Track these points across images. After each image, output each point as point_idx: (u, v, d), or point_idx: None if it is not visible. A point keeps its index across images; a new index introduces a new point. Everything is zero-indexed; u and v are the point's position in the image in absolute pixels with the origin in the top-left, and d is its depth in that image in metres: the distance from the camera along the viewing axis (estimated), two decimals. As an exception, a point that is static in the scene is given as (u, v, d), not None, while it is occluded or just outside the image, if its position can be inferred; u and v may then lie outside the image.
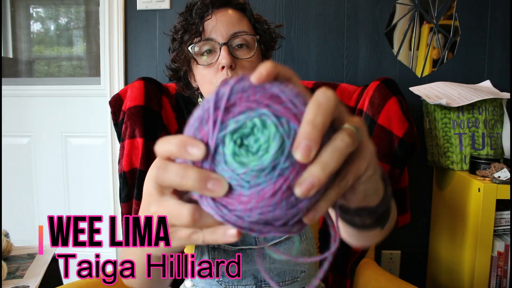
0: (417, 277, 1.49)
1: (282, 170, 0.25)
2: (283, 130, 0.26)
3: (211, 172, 0.27)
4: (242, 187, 0.26)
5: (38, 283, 0.90)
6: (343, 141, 0.26)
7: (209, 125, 0.27)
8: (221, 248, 0.77)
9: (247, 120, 0.26)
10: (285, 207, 0.26)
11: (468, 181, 1.09)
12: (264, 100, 0.26)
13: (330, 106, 0.26)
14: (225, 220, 0.27)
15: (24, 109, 1.80)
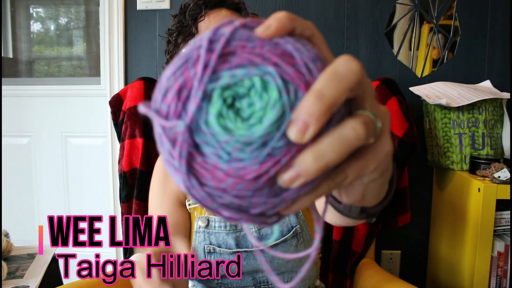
0: (417, 277, 1.49)
1: (273, 149, 0.20)
2: (287, 100, 0.20)
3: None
4: (220, 158, 0.21)
5: (38, 283, 0.90)
6: (354, 131, 0.21)
7: (196, 69, 0.21)
8: (216, 252, 0.77)
9: (246, 78, 0.21)
10: (266, 194, 0.21)
11: (468, 181, 1.09)
12: (272, 56, 0.21)
13: (350, 79, 0.20)
14: (190, 193, 0.22)
15: (24, 109, 1.80)
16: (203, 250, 0.78)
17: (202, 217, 0.79)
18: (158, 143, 0.23)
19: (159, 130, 0.22)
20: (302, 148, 0.21)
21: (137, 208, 1.06)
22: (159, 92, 0.22)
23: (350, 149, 0.21)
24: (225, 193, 0.21)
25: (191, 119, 0.21)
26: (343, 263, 1.10)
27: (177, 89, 0.21)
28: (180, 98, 0.21)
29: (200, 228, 0.78)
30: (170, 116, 0.21)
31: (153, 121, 0.22)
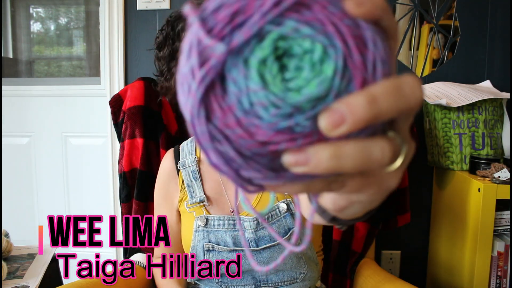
0: (417, 277, 1.49)
1: (297, 125, 0.19)
2: (338, 84, 0.19)
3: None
4: (240, 104, 0.19)
5: (38, 283, 0.90)
6: (382, 153, 0.19)
7: (265, 1, 0.18)
8: (215, 250, 0.78)
9: (309, 38, 0.19)
10: (264, 164, 0.20)
11: (468, 181, 1.09)
12: (347, 33, 0.19)
13: (408, 102, 0.19)
14: (191, 122, 0.20)
15: (24, 109, 1.80)
16: (202, 248, 0.79)
17: (201, 217, 0.80)
18: (183, 53, 0.20)
19: (193, 41, 0.20)
20: (323, 139, 0.19)
21: (137, 208, 1.06)
22: (213, 2, 0.20)
23: (367, 167, 0.19)
24: (226, 140, 0.19)
25: (233, 48, 0.19)
26: (343, 263, 1.10)
27: (234, 10, 0.19)
28: (232, 21, 0.19)
29: (199, 227, 0.79)
30: (213, 33, 0.19)
31: (192, 28, 0.20)
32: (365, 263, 1.10)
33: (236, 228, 0.78)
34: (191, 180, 0.84)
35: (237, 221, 0.77)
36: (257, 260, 0.77)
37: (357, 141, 0.19)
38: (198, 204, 0.82)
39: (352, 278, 1.10)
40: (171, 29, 0.76)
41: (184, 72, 0.20)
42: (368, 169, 0.20)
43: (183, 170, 0.86)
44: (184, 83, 0.20)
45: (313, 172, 0.19)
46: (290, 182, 0.21)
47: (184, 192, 0.84)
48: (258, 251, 0.77)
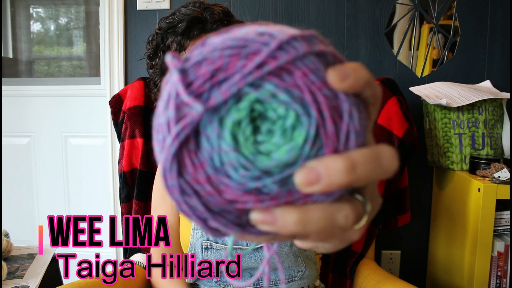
0: (417, 277, 1.49)
1: (264, 187, 0.19)
2: (307, 152, 0.19)
3: None
4: (211, 161, 0.19)
5: (38, 283, 0.90)
6: (346, 220, 0.20)
7: (247, 63, 0.19)
8: (213, 248, 0.78)
9: (284, 105, 0.19)
10: (231, 219, 0.20)
11: (468, 181, 1.09)
12: (323, 104, 0.19)
13: (384, 173, 0.20)
14: (163, 174, 0.20)
15: (24, 109, 1.80)
16: (200, 246, 0.79)
17: None
18: (161, 100, 0.21)
19: (172, 93, 0.20)
20: (289, 202, 0.19)
21: (137, 208, 1.06)
22: (196, 54, 0.20)
23: (330, 230, 0.20)
24: (195, 195, 0.20)
25: (210, 108, 0.19)
26: (343, 263, 1.10)
27: (215, 67, 0.19)
28: (212, 78, 0.19)
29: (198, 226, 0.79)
30: (192, 89, 0.19)
31: (172, 77, 0.20)
32: (365, 263, 1.10)
33: None
34: None
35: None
36: (255, 258, 0.77)
37: (322, 207, 0.19)
38: None
39: (352, 278, 1.10)
40: (161, 41, 0.76)
41: (160, 121, 0.20)
42: (331, 232, 0.20)
43: None
44: (159, 132, 0.20)
45: (277, 232, 0.19)
46: (254, 236, 0.21)
47: None
48: (255, 250, 0.77)
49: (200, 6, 0.75)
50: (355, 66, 0.20)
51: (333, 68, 0.19)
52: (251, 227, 0.20)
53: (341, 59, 0.21)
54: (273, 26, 0.21)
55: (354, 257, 1.11)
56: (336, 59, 0.21)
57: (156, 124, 0.21)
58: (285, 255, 0.78)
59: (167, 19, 0.76)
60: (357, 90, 0.20)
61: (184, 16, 0.73)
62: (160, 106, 0.21)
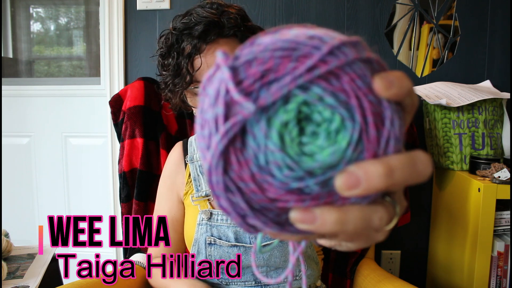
0: (417, 277, 1.49)
1: (306, 187, 0.20)
2: (349, 155, 0.19)
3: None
4: (256, 159, 0.20)
5: (38, 283, 0.90)
6: (380, 221, 0.21)
7: (298, 66, 0.19)
8: (216, 244, 0.78)
9: (330, 109, 0.19)
10: (271, 217, 0.21)
11: (468, 181, 1.09)
12: (368, 109, 0.19)
13: (419, 178, 0.21)
14: (208, 171, 0.20)
15: (24, 109, 1.80)
16: (204, 241, 0.79)
17: (205, 211, 0.80)
18: (208, 96, 0.21)
19: (221, 89, 0.20)
20: (330, 202, 0.20)
21: (137, 208, 1.06)
22: (247, 53, 0.20)
23: (365, 231, 0.21)
24: (239, 192, 0.20)
25: (261, 107, 0.19)
26: (343, 263, 1.10)
27: (266, 67, 0.19)
28: (263, 78, 0.19)
29: (203, 221, 0.80)
30: (242, 87, 0.19)
31: (221, 73, 0.20)
32: (365, 263, 1.10)
33: None
34: (198, 174, 0.85)
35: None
36: (257, 257, 0.77)
37: (360, 209, 0.20)
38: (203, 198, 0.82)
39: (352, 278, 1.10)
40: (175, 42, 0.74)
41: (206, 117, 0.20)
42: (363, 232, 0.22)
43: (190, 164, 0.87)
44: (204, 128, 0.21)
45: (315, 231, 0.20)
46: (290, 234, 0.22)
47: (190, 186, 0.85)
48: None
49: (217, 8, 0.72)
50: (399, 75, 0.20)
51: (379, 76, 0.20)
52: (289, 225, 0.21)
53: (385, 66, 0.21)
54: (320, 30, 0.21)
55: (354, 257, 1.11)
56: (381, 66, 0.21)
57: (201, 119, 0.21)
58: (288, 255, 0.78)
59: (182, 18, 0.74)
60: (399, 98, 0.20)
61: (201, 18, 0.70)
62: (206, 101, 0.21)
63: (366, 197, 0.20)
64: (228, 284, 0.81)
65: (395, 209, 0.22)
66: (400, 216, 0.23)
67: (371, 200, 0.21)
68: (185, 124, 1.17)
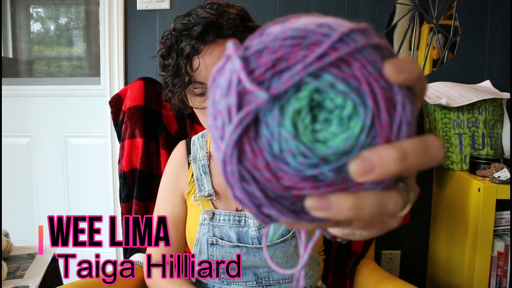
0: (417, 277, 1.49)
1: (321, 174, 0.20)
2: (362, 141, 0.19)
3: None
4: (270, 148, 0.19)
5: (38, 283, 0.90)
6: (395, 206, 0.21)
7: (309, 53, 0.19)
8: (219, 244, 0.78)
9: (342, 95, 0.19)
10: (286, 205, 0.21)
11: (468, 181, 1.09)
12: (379, 95, 0.19)
13: (431, 161, 0.20)
14: (222, 161, 0.20)
15: (24, 109, 1.80)
16: (206, 242, 0.79)
17: (207, 211, 0.80)
18: (220, 86, 0.21)
19: (233, 79, 0.20)
20: (343, 189, 0.20)
21: (137, 208, 1.06)
22: (258, 43, 0.20)
23: (380, 216, 0.21)
24: (254, 181, 0.20)
25: (273, 96, 0.19)
26: (343, 263, 1.10)
27: (277, 56, 0.19)
28: (274, 67, 0.19)
29: (205, 221, 0.80)
30: (254, 76, 0.19)
31: (232, 63, 0.20)
32: (365, 263, 1.10)
33: (241, 224, 0.79)
34: (200, 174, 0.85)
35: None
36: (259, 257, 0.77)
37: (375, 194, 0.20)
38: (206, 197, 0.82)
39: (352, 278, 1.10)
40: (175, 42, 0.74)
41: (219, 107, 0.20)
42: (378, 218, 0.22)
43: (193, 163, 0.86)
44: (217, 119, 0.21)
45: (330, 218, 0.20)
46: (305, 222, 0.22)
47: (193, 185, 0.85)
48: (260, 249, 0.77)
49: (217, 9, 0.72)
50: (409, 60, 0.21)
51: (389, 61, 0.20)
52: (304, 213, 0.21)
53: (394, 52, 0.21)
54: (329, 18, 0.21)
55: (354, 257, 1.11)
56: (390, 52, 0.21)
57: (213, 110, 0.21)
58: (289, 255, 0.78)
59: (182, 19, 0.74)
60: (410, 83, 0.21)
61: (200, 19, 0.70)
62: (218, 92, 0.21)
63: (380, 183, 0.20)
64: (229, 284, 0.81)
65: (408, 195, 0.22)
66: (414, 202, 0.23)
67: (385, 186, 0.21)
68: (185, 124, 1.17)
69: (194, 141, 0.90)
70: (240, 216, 0.79)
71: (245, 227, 0.78)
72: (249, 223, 0.78)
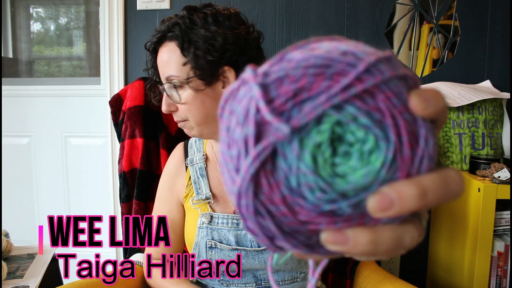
0: (417, 277, 1.49)
1: (339, 209, 0.19)
2: (383, 176, 0.19)
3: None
4: (287, 181, 0.19)
5: (38, 283, 0.90)
6: (412, 240, 0.21)
7: (333, 84, 0.18)
8: (217, 248, 0.78)
9: (363, 129, 0.18)
10: (301, 240, 0.20)
11: (468, 181, 1.09)
12: (402, 128, 0.19)
13: (450, 197, 0.20)
14: (237, 193, 0.20)
15: (24, 109, 1.80)
16: (205, 245, 0.79)
17: (205, 214, 0.80)
18: (236, 113, 0.20)
19: (251, 108, 0.19)
20: (362, 223, 0.19)
21: (137, 208, 1.06)
22: (278, 70, 0.19)
23: (397, 250, 0.21)
24: (268, 215, 0.19)
25: (295, 129, 0.18)
26: (343, 263, 1.10)
27: (299, 85, 0.19)
28: (295, 97, 0.18)
29: (204, 224, 0.79)
30: (274, 106, 0.18)
31: (250, 90, 0.19)
32: (365, 263, 1.10)
33: (239, 227, 0.79)
34: (198, 177, 0.85)
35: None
36: (258, 260, 0.77)
37: (392, 229, 0.20)
38: (203, 201, 0.82)
39: (352, 278, 1.10)
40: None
41: (234, 136, 0.20)
42: (395, 251, 0.21)
43: (190, 166, 0.86)
44: (232, 147, 0.20)
45: (346, 252, 0.20)
46: (321, 255, 0.21)
47: (190, 189, 0.85)
48: (259, 251, 0.77)
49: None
50: (435, 92, 0.20)
51: (416, 94, 0.19)
52: (319, 247, 0.20)
53: (418, 82, 0.21)
54: (351, 44, 0.20)
55: (354, 257, 1.11)
56: (415, 82, 0.20)
57: (227, 137, 0.20)
58: (288, 258, 0.78)
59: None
60: (435, 117, 0.20)
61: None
62: (234, 120, 0.20)
63: (398, 218, 0.20)
64: (229, 285, 0.81)
65: (421, 224, 0.22)
66: (425, 230, 0.23)
67: (402, 220, 0.20)
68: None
69: (191, 144, 0.90)
70: (239, 219, 0.79)
71: (244, 230, 0.78)
72: None
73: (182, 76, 0.72)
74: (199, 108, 0.74)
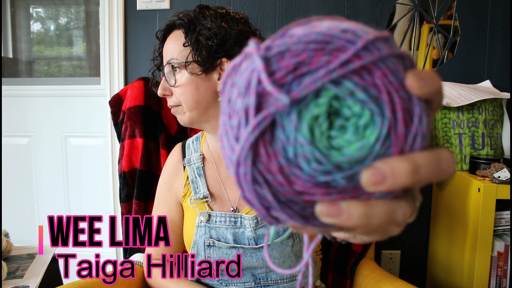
0: (417, 277, 1.49)
1: (333, 181, 0.19)
2: (377, 150, 0.19)
3: None
4: (284, 152, 0.19)
5: (38, 283, 0.90)
6: (404, 216, 0.21)
7: (332, 59, 0.19)
8: (215, 246, 0.78)
9: (360, 103, 0.19)
10: (296, 210, 0.21)
11: (468, 181, 1.09)
12: (398, 105, 0.19)
13: (443, 175, 0.21)
14: (236, 162, 0.20)
15: (24, 109, 1.80)
16: (203, 243, 0.80)
17: (203, 213, 0.81)
18: (237, 84, 0.20)
19: (253, 79, 0.20)
20: (355, 196, 0.20)
21: (137, 208, 1.06)
22: (280, 44, 0.20)
23: (388, 225, 0.21)
24: (265, 184, 0.20)
25: (294, 100, 0.19)
26: (343, 263, 1.10)
27: (299, 59, 0.19)
28: (295, 70, 0.19)
29: (202, 223, 0.80)
30: (275, 78, 0.19)
31: (253, 62, 0.20)
32: (365, 263, 1.10)
33: (236, 225, 0.79)
34: (195, 177, 0.85)
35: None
36: (256, 258, 0.77)
37: (385, 203, 0.20)
38: (201, 200, 0.83)
39: (352, 278, 1.10)
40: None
41: (236, 107, 0.20)
42: (387, 226, 0.21)
43: (188, 166, 0.87)
44: (233, 118, 0.20)
45: (340, 224, 0.20)
46: (313, 227, 0.22)
47: (188, 188, 0.85)
48: (257, 249, 0.77)
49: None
50: (431, 73, 0.21)
51: (412, 72, 0.20)
52: (313, 219, 0.21)
53: (415, 63, 0.21)
54: (351, 23, 0.21)
55: (354, 257, 1.11)
56: (412, 63, 0.21)
57: (228, 108, 0.21)
58: (286, 255, 0.78)
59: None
60: (430, 96, 0.21)
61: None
62: (235, 91, 0.20)
63: (390, 193, 0.20)
64: (228, 285, 0.81)
65: (415, 204, 0.22)
66: (418, 210, 0.23)
67: (395, 195, 0.21)
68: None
69: (189, 144, 0.91)
70: (236, 217, 0.80)
71: (241, 228, 0.78)
72: (245, 224, 0.79)
73: (182, 59, 0.75)
74: (192, 93, 0.76)
